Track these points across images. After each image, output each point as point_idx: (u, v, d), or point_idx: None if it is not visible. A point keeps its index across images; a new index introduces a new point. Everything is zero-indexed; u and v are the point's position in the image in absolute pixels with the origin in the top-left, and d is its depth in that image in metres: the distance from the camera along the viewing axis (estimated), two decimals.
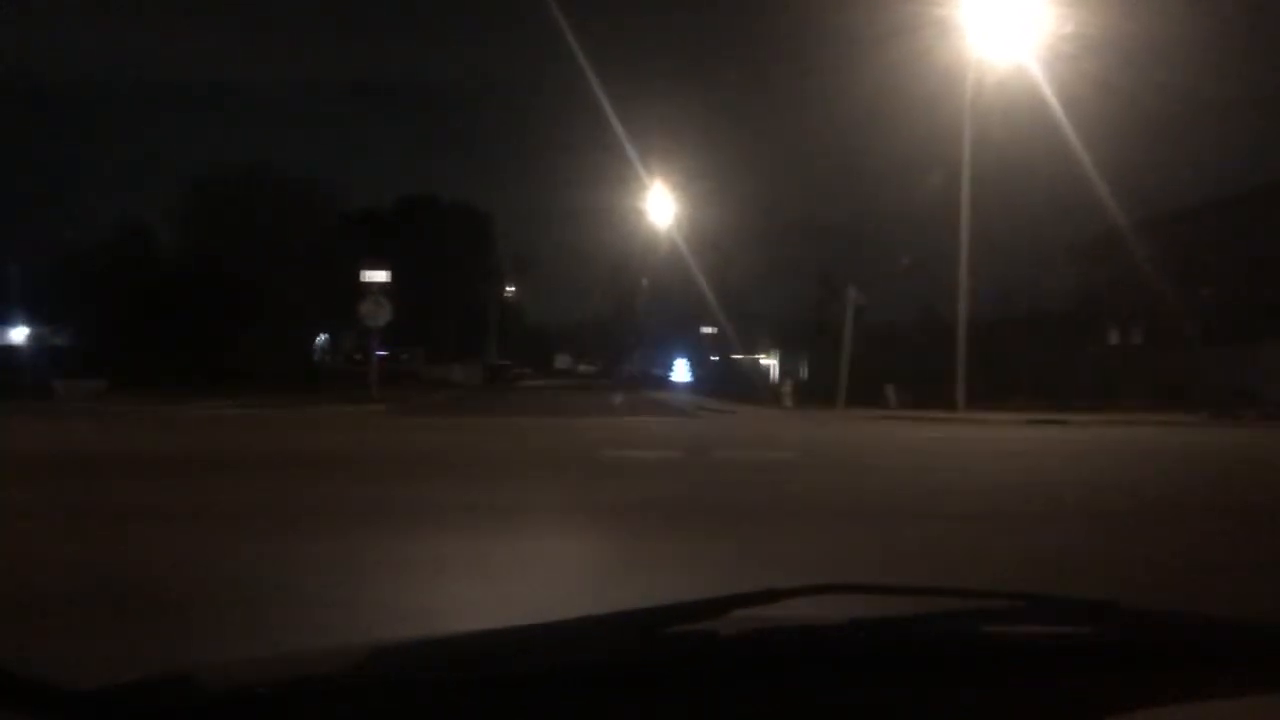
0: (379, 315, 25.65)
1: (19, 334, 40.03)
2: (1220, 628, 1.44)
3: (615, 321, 74.42)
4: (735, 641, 1.25)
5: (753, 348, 53.93)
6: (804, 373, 44.75)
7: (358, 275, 26.24)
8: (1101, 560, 5.67)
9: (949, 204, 25.73)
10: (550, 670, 1.17)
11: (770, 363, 53.49)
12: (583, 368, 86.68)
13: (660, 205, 43.78)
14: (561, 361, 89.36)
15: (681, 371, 63.53)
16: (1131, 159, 25.78)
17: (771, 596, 1.34)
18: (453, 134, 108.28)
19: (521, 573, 5.13)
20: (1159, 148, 24.85)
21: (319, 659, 1.21)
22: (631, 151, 35.65)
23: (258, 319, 28.52)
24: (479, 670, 1.16)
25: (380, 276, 25.88)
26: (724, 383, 46.26)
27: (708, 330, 52.01)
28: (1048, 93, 22.87)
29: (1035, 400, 25.02)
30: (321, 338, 60.16)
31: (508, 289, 74.97)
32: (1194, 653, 1.33)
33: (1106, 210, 31.34)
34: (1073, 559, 5.67)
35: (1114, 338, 37.28)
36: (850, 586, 1.42)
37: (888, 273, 39.69)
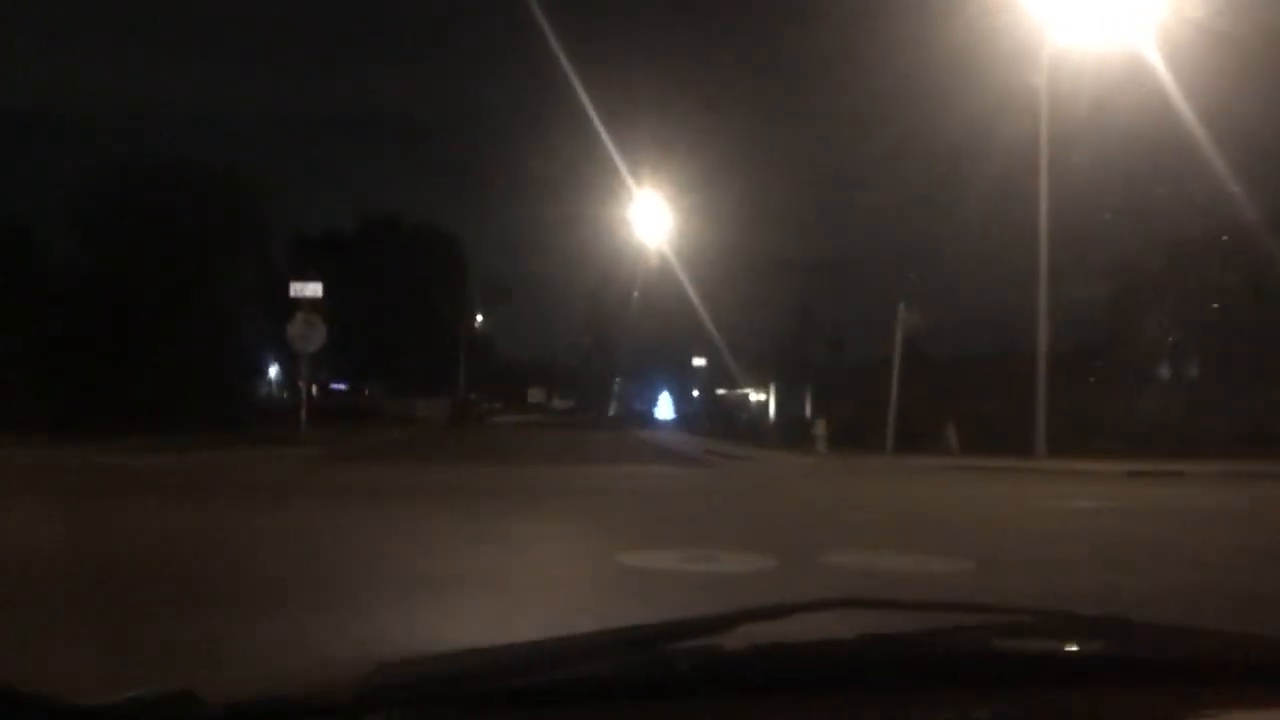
0: (310, 338, 20.74)
1: None
2: (1229, 643, 1.43)
3: (593, 353, 69.72)
4: (744, 656, 1.23)
5: (739, 382, 49.61)
6: (807, 410, 40.45)
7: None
8: None
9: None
10: (558, 685, 1.15)
11: (759, 398, 49.23)
12: (557, 403, 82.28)
13: (643, 230, 39.46)
14: (535, 396, 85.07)
15: (665, 408, 59.15)
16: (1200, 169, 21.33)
17: (782, 611, 1.34)
18: (422, 164, 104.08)
19: None
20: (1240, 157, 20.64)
21: (322, 675, 1.17)
22: (617, 167, 31.08)
23: (168, 344, 23.38)
24: (485, 686, 1.14)
25: (311, 291, 20.97)
26: (717, 421, 41.82)
27: (699, 362, 47.40)
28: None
29: (1111, 444, 20.71)
30: (274, 369, 55.08)
31: (478, 319, 70.17)
32: (1203, 668, 1.32)
33: (1169, 225, 27.58)
34: None
35: (1164, 372, 33.05)
36: (860, 601, 1.42)
37: (878, 308, 35.76)
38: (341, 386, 64.77)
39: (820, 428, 19.04)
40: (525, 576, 5.74)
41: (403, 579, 5.13)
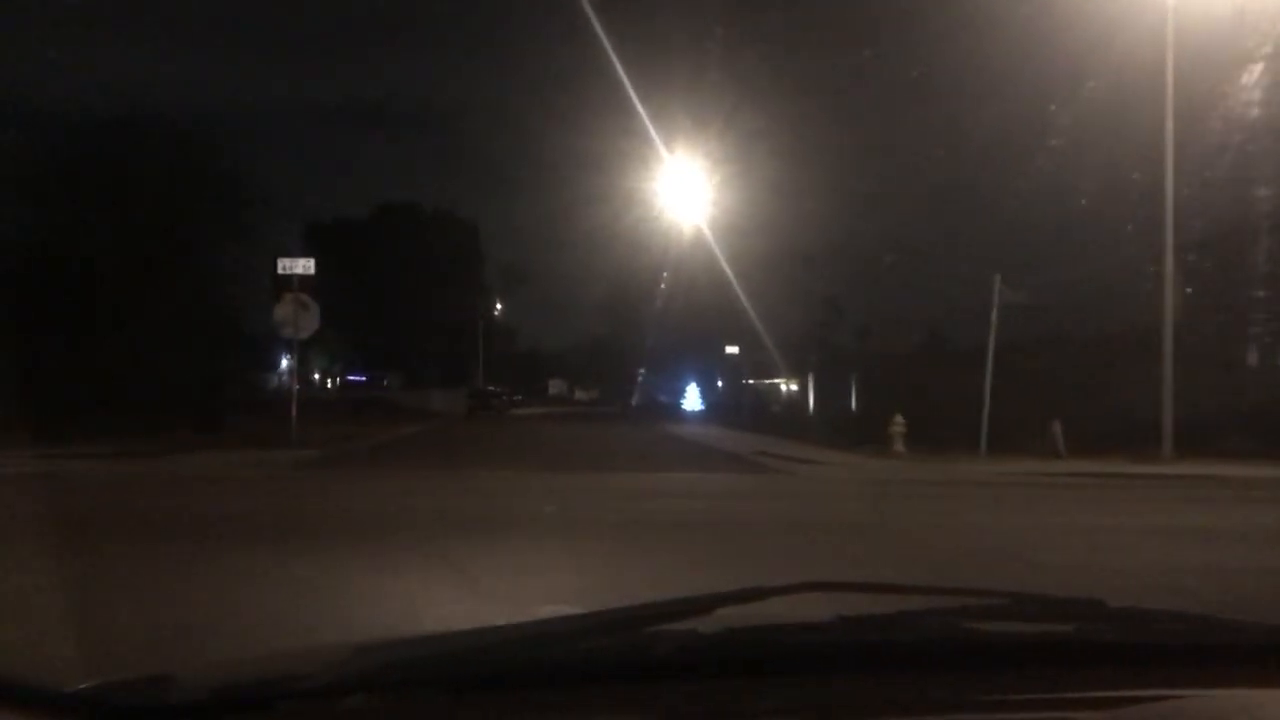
0: (301, 322, 17.95)
1: None
2: (1198, 626, 1.41)
3: (616, 343, 66.81)
4: (720, 638, 1.22)
5: (776, 371, 46.71)
6: (853, 402, 37.49)
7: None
8: None
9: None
10: (536, 667, 1.13)
11: (791, 388, 46.31)
12: (580, 394, 79.70)
13: (674, 208, 36.49)
14: (556, 387, 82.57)
15: (693, 399, 56.41)
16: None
17: (759, 594, 1.32)
18: (439, 150, 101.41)
19: None
20: None
21: (304, 658, 1.15)
22: (649, 139, 28.10)
23: (132, 328, 20.58)
24: (462, 668, 1.12)
25: (302, 268, 18.18)
26: (753, 414, 38.92)
27: (732, 350, 44.52)
28: None
29: (1230, 443, 17.67)
30: (285, 360, 52.50)
31: (497, 307, 67.59)
32: (1174, 650, 1.32)
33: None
34: None
35: (1252, 358, 29.79)
36: (837, 585, 1.41)
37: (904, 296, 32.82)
38: (360, 378, 62.47)
39: (898, 425, 16.03)
40: None
41: None
